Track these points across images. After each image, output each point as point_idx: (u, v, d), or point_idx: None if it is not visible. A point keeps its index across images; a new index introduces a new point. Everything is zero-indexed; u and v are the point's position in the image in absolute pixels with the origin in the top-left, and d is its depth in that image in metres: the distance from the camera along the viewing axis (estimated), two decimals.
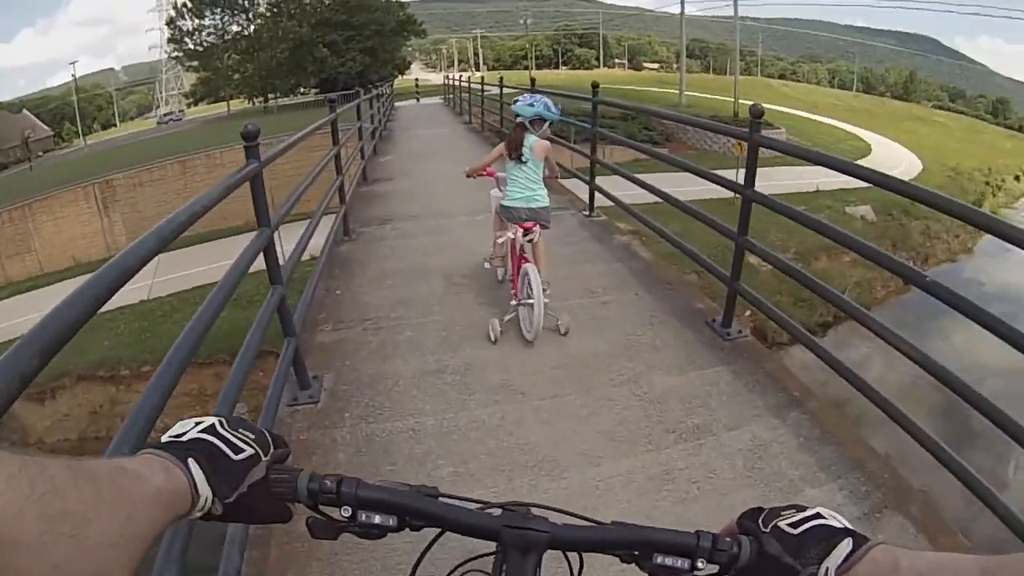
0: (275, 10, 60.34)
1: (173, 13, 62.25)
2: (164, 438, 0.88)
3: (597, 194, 8.98)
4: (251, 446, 0.91)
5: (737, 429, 4.03)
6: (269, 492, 0.92)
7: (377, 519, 0.93)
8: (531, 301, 5.09)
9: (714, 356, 5.02)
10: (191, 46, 63.08)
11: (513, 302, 5.43)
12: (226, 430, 0.91)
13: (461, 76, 35.23)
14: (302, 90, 65.98)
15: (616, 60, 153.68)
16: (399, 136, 21.68)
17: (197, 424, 0.90)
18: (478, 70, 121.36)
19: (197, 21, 62.80)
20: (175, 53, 64.46)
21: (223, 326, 4.10)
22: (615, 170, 8.37)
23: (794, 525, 0.89)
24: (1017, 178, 48.47)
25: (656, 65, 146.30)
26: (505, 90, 16.43)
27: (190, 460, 0.82)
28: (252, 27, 62.80)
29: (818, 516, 0.90)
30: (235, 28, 63.55)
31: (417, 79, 60.92)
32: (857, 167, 4.34)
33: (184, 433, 0.88)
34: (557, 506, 1.06)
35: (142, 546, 0.67)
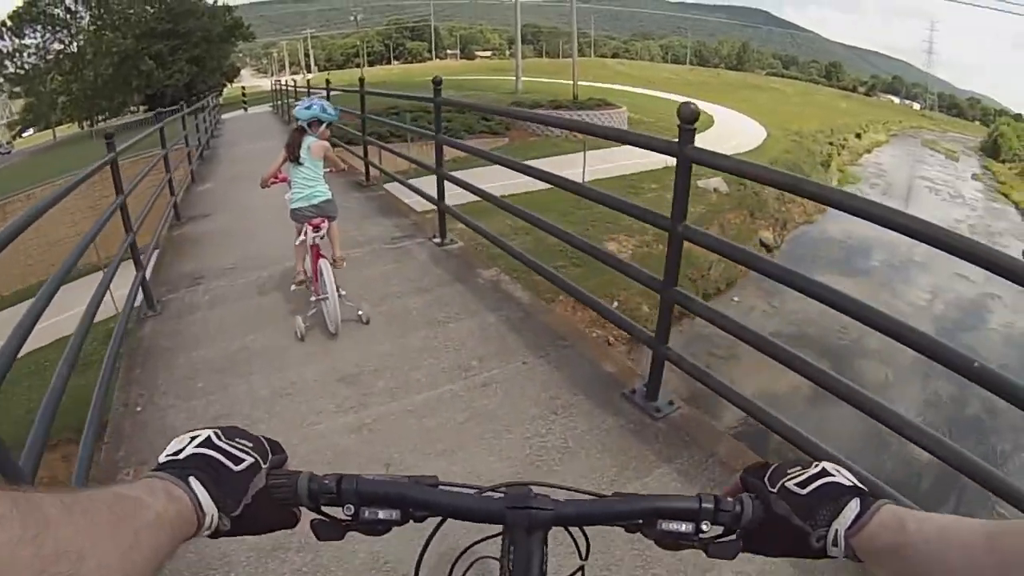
0: (98, 23, 55.30)
1: None
2: (161, 458, 0.83)
3: (449, 209, 7.49)
4: (250, 454, 0.87)
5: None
6: (271, 499, 0.89)
7: (381, 514, 0.90)
8: (323, 297, 5.31)
9: (649, 451, 3.68)
10: (11, 70, 56.81)
11: (313, 298, 5.52)
12: (223, 441, 0.87)
13: (289, 81, 32.78)
14: (132, 108, 60.77)
15: (448, 51, 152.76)
16: (223, 155, 19.52)
17: (193, 439, 0.86)
18: (309, 72, 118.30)
19: (17, 41, 56.39)
20: None
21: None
22: (460, 183, 6.84)
23: (802, 484, 0.86)
24: (858, 136, 49.99)
25: (488, 53, 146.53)
26: (332, 93, 14.53)
27: (191, 478, 0.79)
28: (75, 44, 57.13)
29: (825, 473, 0.86)
30: (57, 46, 57.35)
31: (244, 87, 57.36)
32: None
33: (181, 450, 0.84)
34: (554, 483, 1.06)
35: (149, 575, 0.65)
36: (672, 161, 3.56)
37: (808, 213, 27.50)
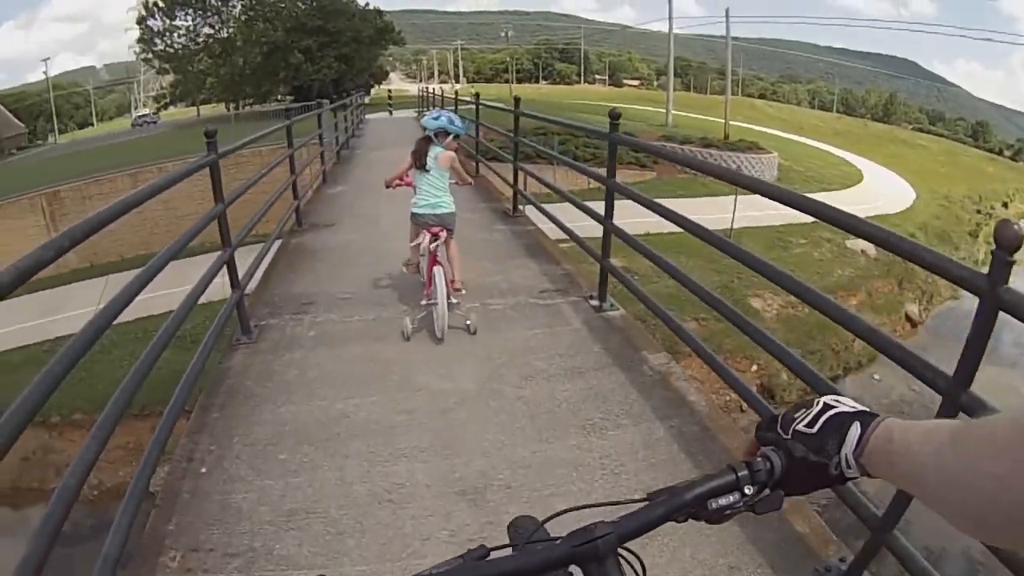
0: (250, 13, 56.94)
1: (143, 12, 57.66)
2: None
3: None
4: None
5: None
6: None
7: None
8: (433, 302, 5.38)
9: None
10: (161, 47, 58.97)
11: (424, 302, 5.60)
12: None
13: (436, 89, 32.39)
14: (279, 97, 62.05)
15: (596, 76, 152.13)
16: (361, 158, 18.46)
17: None
18: (457, 82, 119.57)
19: (168, 22, 58.47)
20: (144, 54, 60.24)
21: (161, 373, 3.64)
22: (629, 239, 5.56)
23: (810, 424, 0.93)
24: (1005, 204, 47.53)
25: (636, 82, 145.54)
26: (483, 107, 13.45)
27: None
28: (225, 30, 59.13)
29: (827, 408, 0.93)
30: (207, 31, 59.47)
31: (390, 90, 57.76)
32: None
33: None
34: (589, 503, 1.08)
35: None
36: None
37: (955, 288, 25.19)
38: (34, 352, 15.90)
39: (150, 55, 59.51)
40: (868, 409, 0.89)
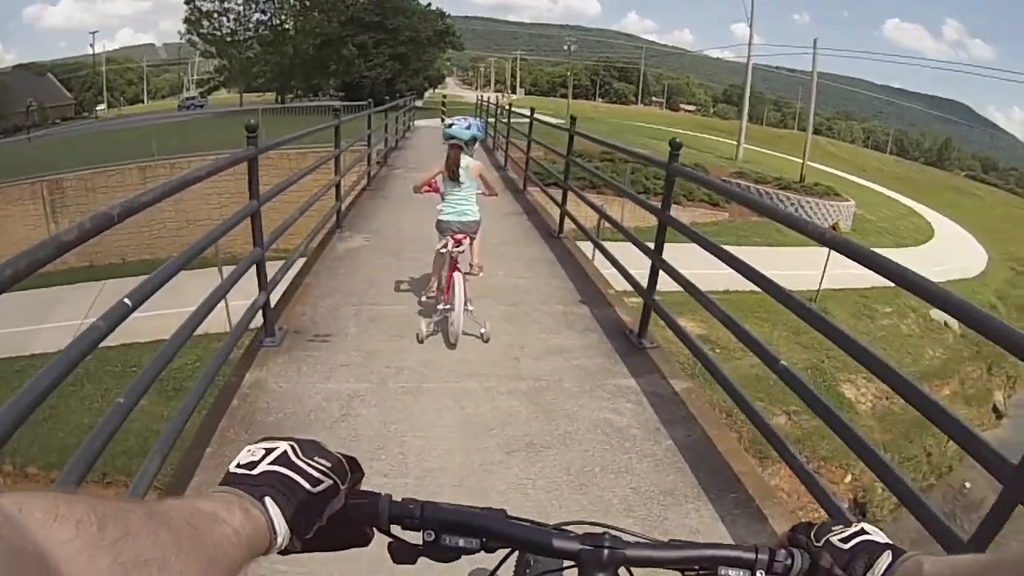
0: (307, 2, 56.78)
1: None
2: (232, 467, 0.82)
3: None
4: (329, 476, 0.85)
5: None
6: (347, 519, 0.90)
7: (461, 542, 0.92)
8: (449, 307, 5.48)
9: None
10: (206, 30, 58.50)
11: (440, 307, 5.67)
12: (300, 459, 0.85)
13: (492, 97, 31.54)
14: (331, 92, 61.71)
15: (653, 98, 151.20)
16: (396, 186, 13.88)
17: (268, 452, 0.84)
18: (514, 92, 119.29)
19: (218, 3, 57.98)
20: (189, 35, 59.78)
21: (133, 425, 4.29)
22: (678, 277, 5.13)
23: (844, 540, 0.93)
24: None
25: (693, 107, 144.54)
26: (537, 124, 12.56)
27: (267, 499, 0.77)
28: (279, 17, 59.07)
29: (863, 532, 0.93)
30: (258, 16, 59.12)
31: (444, 96, 57.05)
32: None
33: (255, 463, 0.82)
34: (620, 527, 1.03)
35: None
36: None
37: None
38: (5, 371, 14.64)
39: (195, 36, 59.39)
40: (897, 545, 0.90)
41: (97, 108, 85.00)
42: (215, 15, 58.22)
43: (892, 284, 2.95)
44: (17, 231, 23.67)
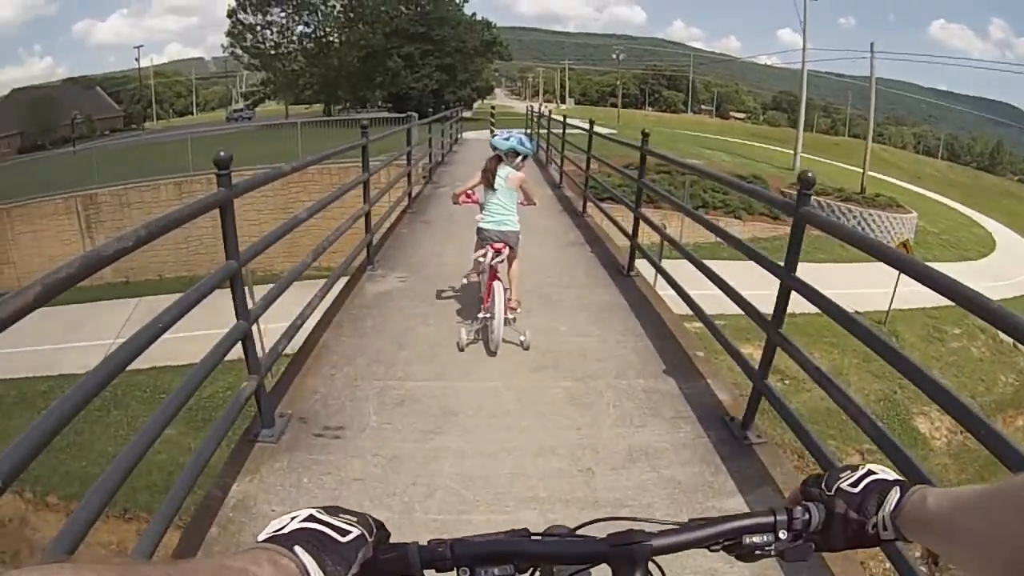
0: (351, 14, 57.05)
1: (235, 4, 58.13)
2: (262, 536, 0.82)
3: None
4: (356, 527, 0.86)
5: None
6: (379, 571, 0.91)
7: (496, 571, 0.92)
8: (489, 316, 5.55)
9: None
10: (249, 43, 59.12)
11: (480, 315, 5.75)
12: (327, 516, 0.86)
13: (542, 108, 30.41)
14: (379, 103, 62.05)
15: (702, 106, 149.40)
16: (438, 208, 12.19)
17: (294, 518, 0.85)
18: (563, 102, 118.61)
19: (260, 16, 58.74)
20: (231, 48, 60.31)
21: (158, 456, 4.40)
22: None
23: (854, 484, 0.96)
24: None
25: (743, 115, 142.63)
26: (598, 139, 11.29)
27: (297, 548, 0.77)
28: (323, 29, 59.51)
29: (871, 473, 0.97)
30: (300, 28, 59.91)
31: (493, 107, 56.13)
32: None
33: (283, 527, 0.83)
34: (633, 516, 1.07)
35: None
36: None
37: None
38: (31, 391, 14.41)
39: (238, 50, 59.87)
40: (905, 479, 0.93)
41: (144, 123, 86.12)
42: (258, 28, 58.96)
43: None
44: (52, 247, 23.53)
